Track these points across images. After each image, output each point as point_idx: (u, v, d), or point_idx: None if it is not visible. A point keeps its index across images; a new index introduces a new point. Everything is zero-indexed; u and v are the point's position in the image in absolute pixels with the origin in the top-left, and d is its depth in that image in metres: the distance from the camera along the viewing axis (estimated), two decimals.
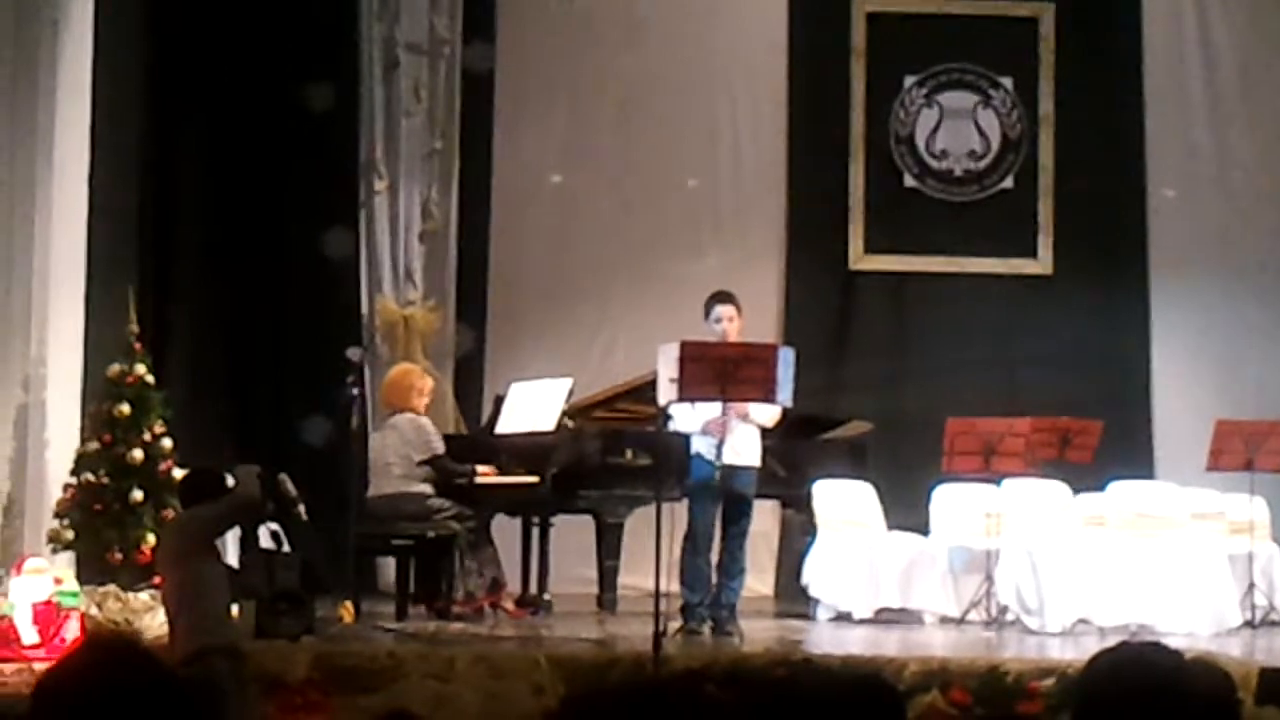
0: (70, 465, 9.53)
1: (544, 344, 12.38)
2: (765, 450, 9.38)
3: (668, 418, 8.68)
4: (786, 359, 8.74)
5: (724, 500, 9.07)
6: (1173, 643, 3.14)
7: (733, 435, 8.94)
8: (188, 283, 11.71)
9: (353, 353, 10.06)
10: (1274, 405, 11.27)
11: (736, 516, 9.15)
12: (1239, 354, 12.68)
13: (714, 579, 9.14)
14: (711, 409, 8.87)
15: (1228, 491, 10.53)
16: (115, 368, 9.63)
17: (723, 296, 9.28)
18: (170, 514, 9.07)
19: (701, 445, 9.02)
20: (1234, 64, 12.93)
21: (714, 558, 9.19)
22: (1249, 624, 9.92)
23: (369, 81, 12.41)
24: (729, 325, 9.15)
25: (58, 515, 9.43)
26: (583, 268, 12.67)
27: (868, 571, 10.27)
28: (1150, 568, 9.80)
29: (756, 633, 9.24)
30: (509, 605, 10.06)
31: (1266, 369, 12.48)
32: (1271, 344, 12.60)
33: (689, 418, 8.98)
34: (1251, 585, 10.04)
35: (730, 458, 8.93)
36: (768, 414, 9.08)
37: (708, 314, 9.23)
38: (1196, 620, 9.63)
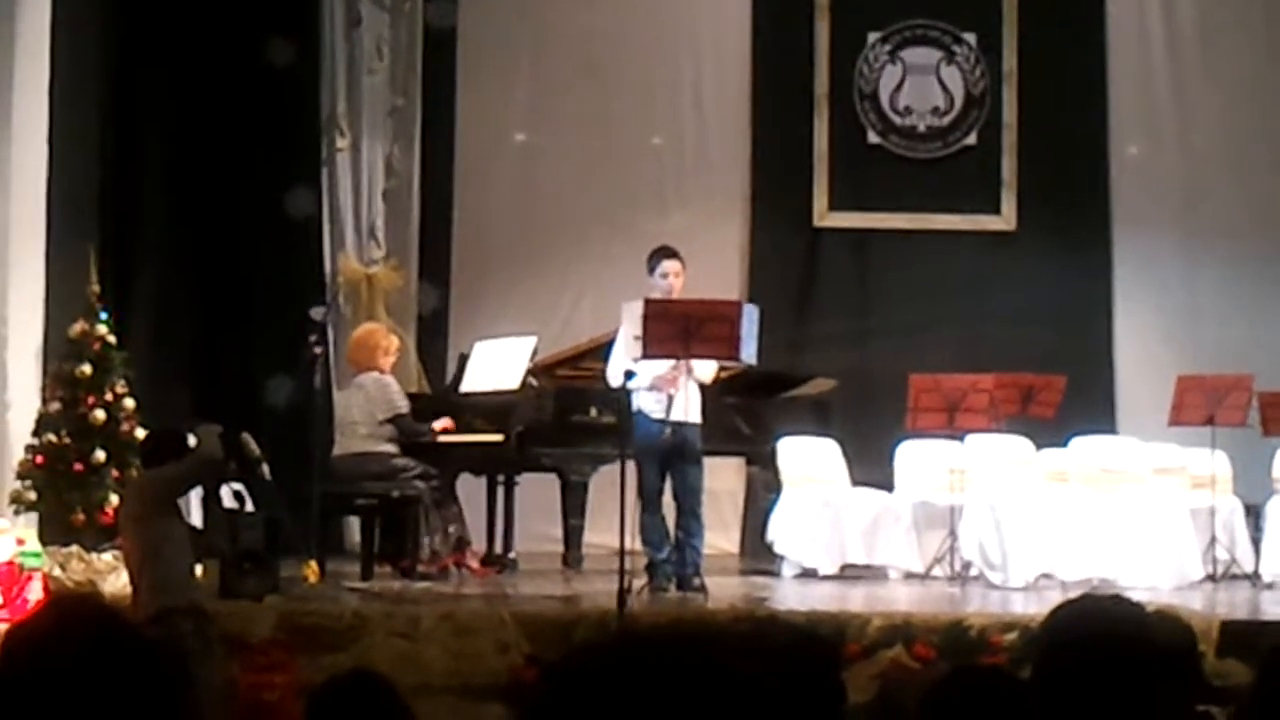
0: (32, 426, 9.48)
1: (508, 302, 12.35)
2: (730, 407, 9.36)
3: (630, 375, 8.65)
4: (751, 316, 8.74)
5: (675, 458, 9.04)
6: (1135, 597, 3.16)
7: (680, 392, 8.91)
8: (149, 241, 11.63)
9: (316, 311, 10.04)
10: (1234, 360, 11.31)
11: (691, 473, 9.12)
12: (1200, 310, 12.73)
13: (673, 535, 9.14)
14: (658, 366, 8.84)
15: (1189, 446, 10.57)
16: (77, 327, 9.58)
17: (667, 252, 9.25)
18: (133, 474, 9.03)
19: (647, 402, 8.98)
20: (1196, 22, 12.95)
21: (668, 513, 9.18)
22: (1210, 578, 9.99)
23: (331, 38, 12.33)
24: (674, 281, 9.13)
25: (20, 476, 9.39)
26: (546, 225, 12.64)
27: (832, 528, 10.30)
28: (1113, 522, 9.85)
29: (722, 589, 9.27)
30: (474, 564, 10.06)
31: (1227, 324, 12.54)
32: (1231, 300, 12.65)
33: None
34: (1213, 539, 10.10)
35: (679, 414, 8.91)
36: (708, 371, 9.06)
37: (652, 270, 9.20)
38: (1159, 574, 9.70)
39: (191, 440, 7.15)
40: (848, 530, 10.31)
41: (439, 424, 10.04)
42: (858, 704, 6.75)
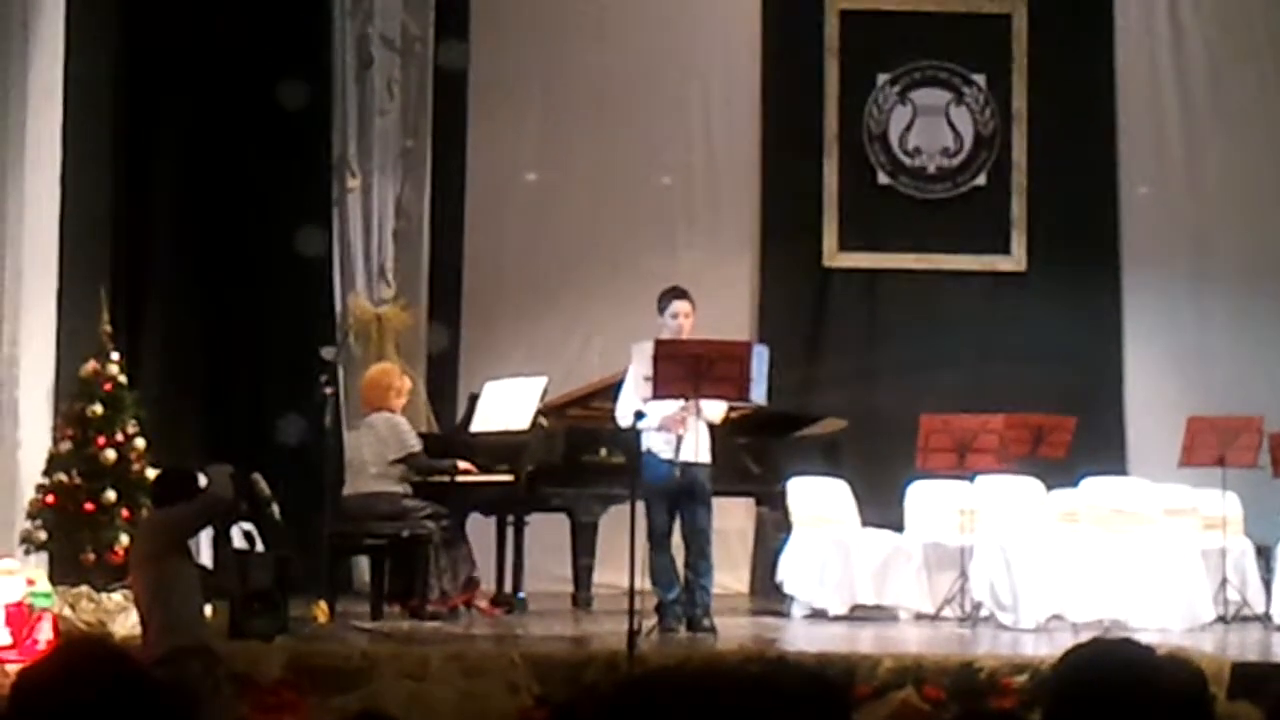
0: (43, 465, 9.49)
1: (518, 342, 12.38)
2: (740, 447, 9.35)
3: (639, 415, 8.66)
4: (761, 356, 8.75)
5: (684, 498, 9.03)
6: (1146, 638, 3.15)
7: (689, 432, 8.92)
8: (161, 282, 11.67)
9: (326, 352, 10.06)
10: (1244, 401, 11.30)
11: (700, 514, 9.11)
12: (1210, 350, 12.73)
13: (683, 575, 9.14)
14: (666, 406, 8.85)
15: (1200, 487, 10.56)
16: (88, 367, 9.59)
17: (677, 292, 9.28)
18: (143, 514, 9.03)
19: (656, 443, 8.98)
20: (1205, 62, 12.98)
21: (677, 553, 9.18)
22: (1222, 619, 9.95)
23: (342, 79, 12.38)
24: (684, 321, 9.15)
25: (30, 516, 9.38)
26: (557, 266, 12.67)
27: (842, 568, 10.28)
28: (1123, 564, 9.83)
29: (732, 630, 9.25)
30: (483, 604, 10.06)
31: (1237, 365, 12.53)
32: (1242, 340, 12.65)
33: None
34: (1224, 580, 10.07)
35: (688, 455, 8.91)
36: (717, 411, 9.07)
37: (662, 310, 9.22)
38: (1169, 616, 9.67)
39: (202, 480, 7.16)
40: (858, 571, 10.29)
41: (462, 464, 10.05)
42: None
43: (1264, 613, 10.11)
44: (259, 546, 8.94)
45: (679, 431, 8.89)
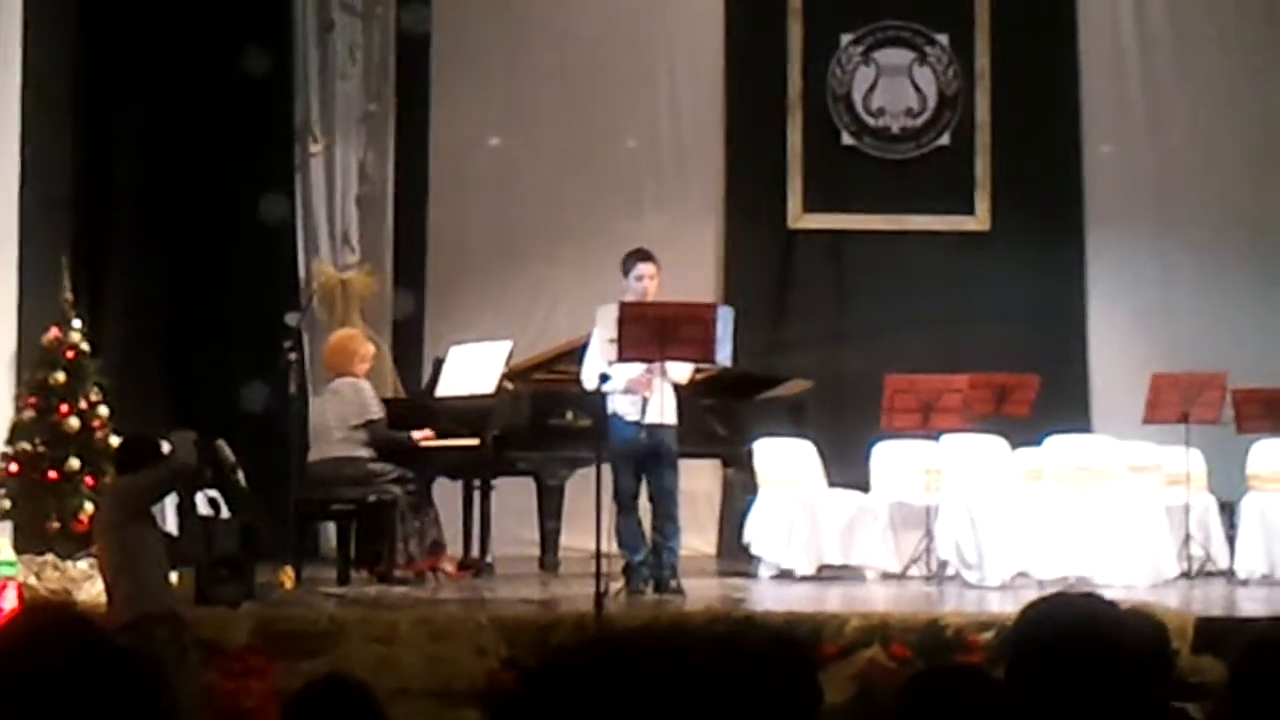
0: (5, 434, 9.45)
1: (484, 306, 12.34)
2: (705, 409, 9.34)
3: (605, 378, 8.67)
4: (725, 318, 8.76)
5: (650, 460, 9.04)
6: (1110, 595, 3.16)
7: (655, 394, 8.92)
8: (123, 249, 11.61)
9: (291, 318, 10.03)
10: (1208, 358, 11.35)
11: (666, 476, 9.13)
12: (1174, 308, 12.77)
13: (649, 537, 9.15)
14: (632, 368, 8.85)
15: (1164, 444, 10.61)
16: (50, 335, 9.55)
17: (642, 254, 9.27)
18: (107, 482, 9.00)
19: (622, 405, 8.99)
20: (1168, 20, 12.98)
21: (644, 516, 9.19)
22: (1186, 575, 10.02)
23: (304, 43, 12.30)
24: (649, 283, 9.15)
25: None
26: (522, 230, 12.64)
27: (809, 529, 10.31)
28: (1088, 521, 9.88)
29: (699, 591, 9.27)
30: (450, 568, 10.06)
31: (1200, 322, 12.58)
32: (1205, 298, 12.69)
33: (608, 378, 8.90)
34: (1188, 536, 10.13)
35: (654, 416, 8.92)
36: (683, 373, 9.08)
37: (626, 272, 9.22)
38: (1134, 572, 9.72)
39: (166, 447, 7.13)
40: (824, 531, 10.32)
41: (419, 434, 10.03)
42: (835, 704, 6.76)
43: (1228, 568, 10.19)
44: (224, 513, 8.92)
45: (645, 394, 8.88)
